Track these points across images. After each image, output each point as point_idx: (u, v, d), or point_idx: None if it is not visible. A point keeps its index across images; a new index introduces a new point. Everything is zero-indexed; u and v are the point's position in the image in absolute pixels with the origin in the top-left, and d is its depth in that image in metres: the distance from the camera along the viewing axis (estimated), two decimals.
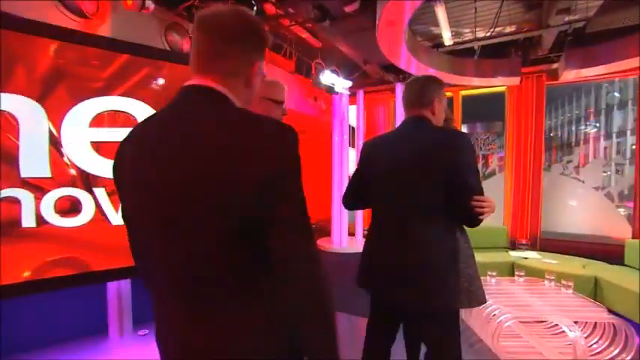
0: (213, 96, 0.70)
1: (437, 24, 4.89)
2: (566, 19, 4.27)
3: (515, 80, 5.17)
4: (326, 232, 6.89)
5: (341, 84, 5.62)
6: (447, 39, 5.23)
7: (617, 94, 6.25)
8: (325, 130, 7.91)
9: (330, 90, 5.68)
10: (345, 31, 5.07)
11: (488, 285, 2.98)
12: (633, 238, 4.40)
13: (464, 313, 3.07)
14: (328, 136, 7.25)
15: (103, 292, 2.04)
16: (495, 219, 6.45)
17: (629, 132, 5.87)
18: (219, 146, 0.63)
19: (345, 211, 5.96)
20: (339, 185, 6.11)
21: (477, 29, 5.07)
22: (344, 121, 6.26)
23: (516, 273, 3.06)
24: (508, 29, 5.06)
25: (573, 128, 6.41)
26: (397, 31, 3.81)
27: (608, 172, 5.86)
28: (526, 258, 3.72)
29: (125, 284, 2.04)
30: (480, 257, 2.44)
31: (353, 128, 6.93)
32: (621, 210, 5.39)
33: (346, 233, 6.08)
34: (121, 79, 1.81)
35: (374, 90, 6.88)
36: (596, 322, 2.53)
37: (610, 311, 2.51)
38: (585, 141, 6.22)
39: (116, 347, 1.97)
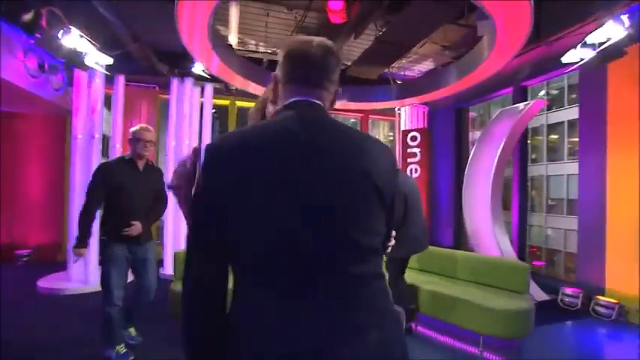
0: None
1: (225, 24, 4.57)
2: None
3: None
4: (57, 265, 4.73)
5: (96, 57, 4.06)
6: (234, 43, 5.01)
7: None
8: (60, 121, 5.62)
9: (74, 61, 3.98)
10: None
11: None
12: None
13: None
14: (63, 129, 5.18)
15: None
16: None
17: None
18: None
19: (97, 233, 4.29)
20: (78, 199, 4.25)
21: (262, 44, 5.19)
22: (95, 112, 4.56)
23: None
24: None
25: None
26: (202, 11, 3.15)
27: None
28: None
29: None
30: None
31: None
32: None
33: (97, 262, 4.29)
34: None
35: (140, 81, 5.58)
36: None
37: None
38: None
39: None
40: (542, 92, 5.19)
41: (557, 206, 4.92)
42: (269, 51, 5.31)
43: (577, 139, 4.44)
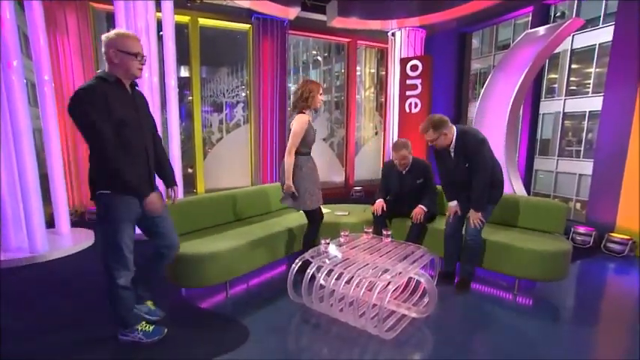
0: None
1: None
2: None
3: (294, 12, 4.65)
4: None
5: None
6: None
7: (319, 58, 7.31)
8: None
9: None
10: None
11: (329, 254, 2.37)
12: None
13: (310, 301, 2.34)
14: None
15: None
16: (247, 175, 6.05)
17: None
18: None
19: (35, 190, 3.35)
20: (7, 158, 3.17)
21: None
22: (3, 25, 3.16)
23: (342, 233, 2.63)
24: None
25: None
26: None
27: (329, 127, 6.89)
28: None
29: None
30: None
31: None
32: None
33: (42, 226, 3.39)
34: None
35: None
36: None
37: None
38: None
39: None
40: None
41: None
42: None
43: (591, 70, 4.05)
